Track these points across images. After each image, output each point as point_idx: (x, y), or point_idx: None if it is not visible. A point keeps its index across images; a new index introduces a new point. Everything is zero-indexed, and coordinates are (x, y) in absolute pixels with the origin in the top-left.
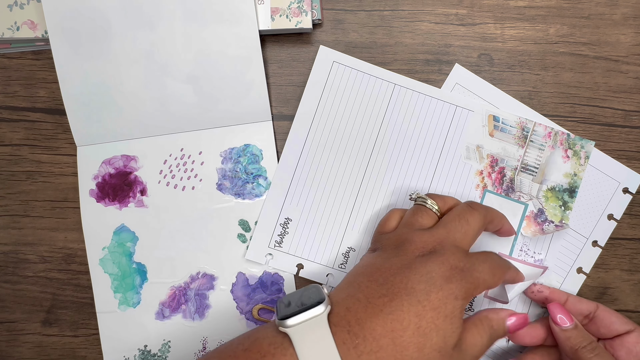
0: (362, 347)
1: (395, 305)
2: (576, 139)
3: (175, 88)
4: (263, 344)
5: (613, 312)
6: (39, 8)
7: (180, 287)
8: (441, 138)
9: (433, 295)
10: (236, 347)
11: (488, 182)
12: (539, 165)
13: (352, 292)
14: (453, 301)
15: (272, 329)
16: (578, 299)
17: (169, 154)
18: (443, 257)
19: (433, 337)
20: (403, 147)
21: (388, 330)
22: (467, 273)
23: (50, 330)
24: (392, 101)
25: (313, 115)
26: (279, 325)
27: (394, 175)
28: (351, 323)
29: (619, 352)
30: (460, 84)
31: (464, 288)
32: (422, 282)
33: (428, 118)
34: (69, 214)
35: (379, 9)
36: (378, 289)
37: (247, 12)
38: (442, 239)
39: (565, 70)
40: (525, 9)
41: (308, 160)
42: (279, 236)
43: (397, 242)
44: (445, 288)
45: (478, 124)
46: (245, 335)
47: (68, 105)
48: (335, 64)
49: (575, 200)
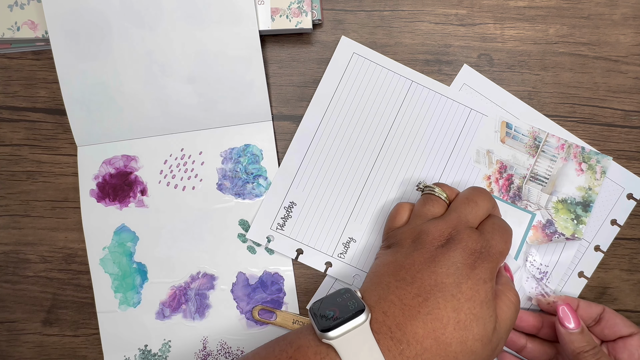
0: (408, 352)
1: (432, 304)
2: (591, 152)
3: (176, 88)
4: (308, 353)
5: (618, 314)
6: (39, 8)
7: (181, 287)
8: (452, 139)
9: (464, 286)
10: (279, 354)
11: (495, 188)
12: (550, 176)
13: (383, 294)
14: (483, 286)
15: (312, 336)
16: (588, 303)
17: (169, 154)
18: (462, 244)
19: (474, 328)
20: (414, 144)
21: (429, 331)
22: (486, 253)
23: (51, 330)
24: (408, 98)
25: (328, 102)
26: (322, 337)
27: (402, 170)
28: (392, 329)
29: (621, 354)
30: (468, 84)
31: (488, 269)
32: (450, 275)
33: (442, 118)
34: (70, 214)
35: (379, 9)
36: (409, 289)
37: (247, 13)
38: (456, 224)
39: (565, 70)
40: (525, 9)
41: (319, 147)
42: (282, 219)
43: (413, 235)
44: (473, 275)
45: (491, 129)
46: (285, 341)
47: (68, 105)
48: (355, 55)
49: (590, 215)
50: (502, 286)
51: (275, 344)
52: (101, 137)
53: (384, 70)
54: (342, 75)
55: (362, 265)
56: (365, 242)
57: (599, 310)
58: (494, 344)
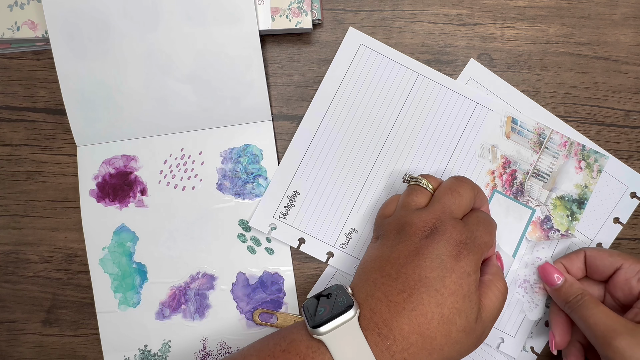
0: (394, 347)
1: (416, 300)
2: (591, 151)
3: (176, 88)
4: (301, 347)
5: (598, 254)
6: (39, 8)
7: (181, 287)
8: (458, 132)
9: (447, 280)
10: (274, 347)
11: (498, 183)
12: (551, 173)
13: (370, 291)
14: (467, 279)
15: (304, 331)
16: (568, 258)
17: (169, 154)
18: (447, 235)
19: (457, 321)
20: (419, 137)
21: (415, 326)
22: (471, 244)
23: (51, 330)
24: (414, 90)
25: (334, 92)
26: (313, 333)
27: (405, 163)
28: (379, 325)
29: (617, 294)
30: (474, 78)
31: (472, 261)
32: (434, 269)
33: (447, 111)
34: (69, 214)
35: (379, 9)
36: (393, 284)
37: (247, 12)
38: (440, 214)
39: (565, 70)
40: (525, 9)
41: (324, 137)
42: (285, 208)
43: (398, 226)
44: (457, 268)
45: (496, 123)
46: (279, 335)
47: (68, 105)
48: (362, 47)
49: (584, 212)
50: (492, 276)
51: (270, 338)
52: (101, 137)
53: (390, 62)
54: (348, 66)
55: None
56: (368, 234)
57: (581, 257)
58: (478, 333)
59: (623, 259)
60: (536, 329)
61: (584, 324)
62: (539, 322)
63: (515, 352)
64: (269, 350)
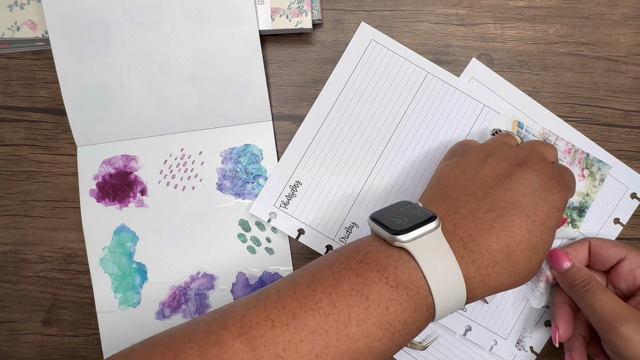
0: (480, 261)
1: (506, 221)
2: (594, 160)
3: (175, 88)
4: (379, 257)
5: (603, 244)
6: (39, 8)
7: (181, 287)
8: (463, 133)
9: (540, 209)
10: (347, 261)
11: None
12: None
13: (452, 207)
14: (557, 213)
15: (379, 242)
16: (572, 247)
17: (169, 154)
18: (540, 166)
19: (539, 251)
20: (424, 135)
21: (503, 246)
22: (562, 182)
23: (51, 330)
24: (422, 88)
25: (343, 86)
26: (393, 240)
27: (409, 160)
28: (464, 239)
29: (620, 284)
30: (476, 78)
31: (562, 198)
32: (526, 195)
33: (454, 111)
34: (69, 214)
35: (379, 9)
36: (481, 203)
37: (247, 12)
38: (532, 151)
39: (565, 70)
40: (525, 9)
41: (329, 129)
42: (286, 197)
43: (487, 151)
44: (549, 200)
45: (502, 127)
46: (347, 250)
47: (68, 105)
48: (372, 42)
49: (584, 220)
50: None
51: (338, 253)
52: (101, 137)
53: (400, 59)
54: (358, 61)
55: None
56: (369, 229)
57: (586, 247)
58: (537, 271)
59: (627, 249)
60: (535, 328)
61: (589, 309)
62: (538, 322)
63: (508, 354)
64: (342, 264)
